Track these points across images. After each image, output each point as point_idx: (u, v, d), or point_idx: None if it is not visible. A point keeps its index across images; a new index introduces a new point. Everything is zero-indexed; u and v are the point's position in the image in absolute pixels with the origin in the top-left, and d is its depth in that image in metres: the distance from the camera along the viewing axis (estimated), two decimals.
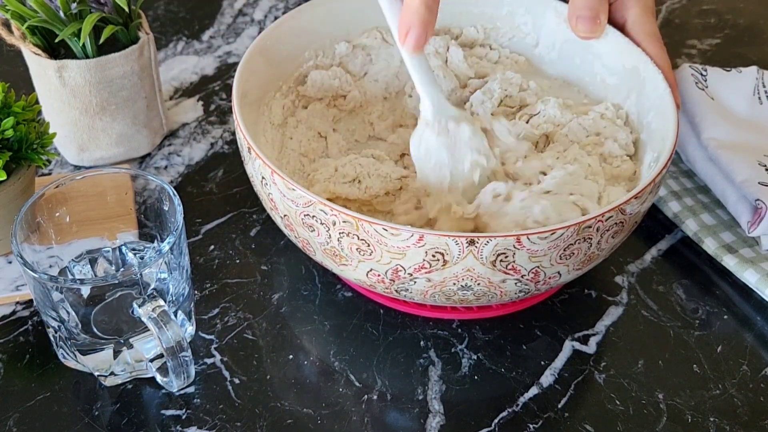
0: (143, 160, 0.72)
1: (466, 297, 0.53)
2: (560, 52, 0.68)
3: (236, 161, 0.72)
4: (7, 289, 0.60)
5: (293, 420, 0.55)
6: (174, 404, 0.55)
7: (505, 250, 0.49)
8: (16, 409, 0.55)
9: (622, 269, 0.64)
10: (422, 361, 0.58)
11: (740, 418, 0.56)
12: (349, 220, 0.49)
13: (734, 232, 0.65)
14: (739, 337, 0.60)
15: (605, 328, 0.61)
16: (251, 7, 0.90)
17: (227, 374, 0.57)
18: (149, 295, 0.53)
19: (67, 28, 0.63)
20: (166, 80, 0.80)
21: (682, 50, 0.86)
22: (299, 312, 0.61)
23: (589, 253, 0.52)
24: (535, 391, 0.57)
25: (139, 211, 0.58)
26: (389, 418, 0.55)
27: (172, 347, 0.50)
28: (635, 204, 0.52)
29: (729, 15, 0.92)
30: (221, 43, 0.85)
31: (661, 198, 0.67)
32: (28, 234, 0.54)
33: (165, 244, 0.52)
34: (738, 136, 0.67)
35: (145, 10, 0.87)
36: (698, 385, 0.57)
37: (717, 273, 0.64)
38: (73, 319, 0.52)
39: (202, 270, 0.63)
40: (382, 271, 0.51)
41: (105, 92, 0.66)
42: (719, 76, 0.72)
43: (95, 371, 0.55)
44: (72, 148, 0.70)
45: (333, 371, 0.57)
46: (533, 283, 0.52)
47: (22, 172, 0.59)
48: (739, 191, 0.64)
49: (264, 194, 0.55)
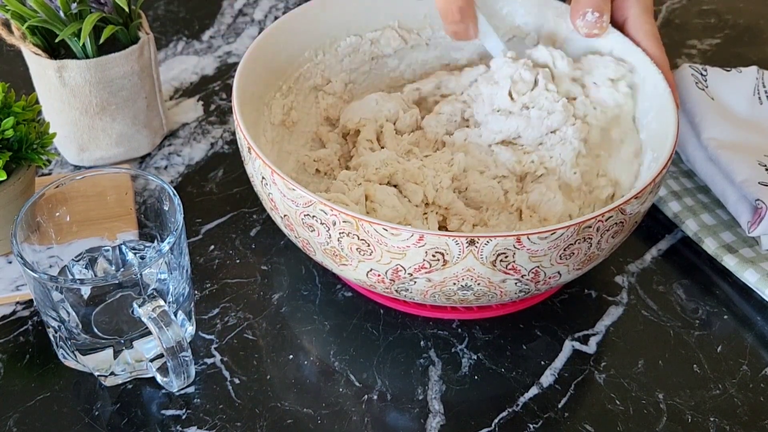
0: (143, 160, 0.72)
1: (466, 297, 0.53)
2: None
3: (236, 161, 0.72)
4: (7, 289, 0.60)
5: (293, 420, 0.55)
6: (174, 404, 0.55)
7: (505, 250, 0.49)
8: (16, 409, 0.55)
9: (622, 269, 0.64)
10: (422, 361, 0.58)
11: (740, 418, 0.56)
12: (349, 220, 0.49)
13: (734, 232, 0.65)
14: (739, 337, 0.60)
15: (605, 328, 0.61)
16: (251, 7, 0.90)
17: (227, 374, 0.57)
18: (149, 295, 0.53)
19: (67, 28, 0.62)
20: (166, 80, 0.80)
21: (682, 50, 0.86)
22: (299, 312, 0.61)
23: (589, 253, 0.52)
24: (535, 391, 0.57)
25: (139, 211, 0.58)
26: (389, 418, 0.55)
27: (172, 347, 0.50)
28: (635, 204, 0.52)
29: (729, 15, 0.92)
30: (221, 43, 0.85)
31: (661, 198, 0.67)
32: (28, 234, 0.54)
33: (165, 244, 0.52)
34: (738, 136, 0.67)
35: (145, 10, 0.87)
36: (698, 385, 0.57)
37: (717, 273, 0.64)
38: (73, 319, 0.52)
39: (202, 270, 0.63)
40: (382, 271, 0.51)
41: (105, 92, 0.66)
42: (719, 76, 0.72)
43: (95, 371, 0.55)
44: (72, 148, 0.70)
45: (333, 371, 0.57)
46: (533, 283, 0.52)
47: (22, 172, 0.59)
48: (739, 191, 0.64)
49: (264, 194, 0.55)
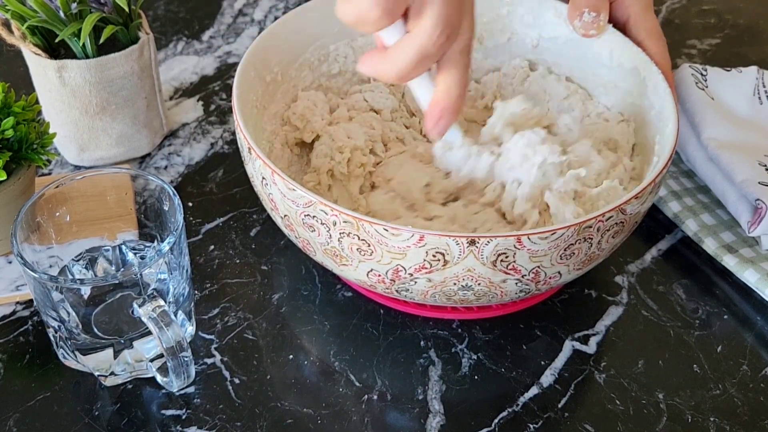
0: (143, 160, 0.72)
1: (466, 297, 0.53)
2: (560, 52, 0.68)
3: (236, 161, 0.72)
4: (7, 289, 0.60)
5: (293, 420, 0.55)
6: (174, 404, 0.55)
7: (505, 250, 0.49)
8: (16, 409, 0.55)
9: (622, 269, 0.64)
10: (422, 361, 0.58)
11: (740, 418, 0.56)
12: (349, 220, 0.49)
13: (734, 232, 0.65)
14: (739, 337, 0.60)
15: (605, 328, 0.61)
16: (251, 7, 0.90)
17: (227, 374, 0.57)
18: (149, 295, 0.53)
19: (67, 28, 0.62)
20: (166, 80, 0.80)
21: (682, 50, 0.86)
22: (299, 312, 0.61)
23: (589, 253, 0.52)
24: (535, 391, 0.57)
25: (139, 211, 0.58)
26: (389, 418, 0.55)
27: (172, 347, 0.50)
28: (635, 204, 0.52)
29: (729, 15, 0.92)
30: (221, 43, 0.85)
31: (661, 198, 0.67)
32: (28, 234, 0.54)
33: (165, 244, 0.52)
34: (738, 136, 0.67)
35: (145, 10, 0.87)
36: (698, 385, 0.57)
37: (717, 273, 0.64)
38: (73, 319, 0.52)
39: (202, 270, 0.63)
40: (382, 271, 0.51)
41: (105, 92, 0.66)
42: (719, 76, 0.72)
43: (95, 371, 0.55)
44: (72, 148, 0.70)
45: (333, 371, 0.57)
46: (534, 283, 0.52)
47: (22, 172, 0.59)
48: (739, 191, 0.64)
49: (264, 194, 0.55)
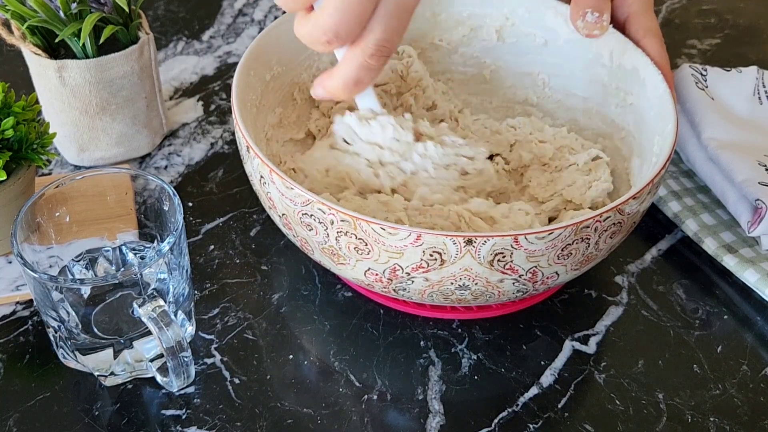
0: (143, 160, 0.72)
1: (464, 297, 0.53)
2: (560, 53, 0.68)
3: (236, 161, 0.72)
4: (7, 289, 0.61)
5: (293, 420, 0.55)
6: (174, 404, 0.55)
7: (502, 249, 0.49)
8: (16, 409, 0.55)
9: (622, 269, 0.64)
10: (422, 361, 0.58)
11: (740, 418, 0.55)
12: (347, 219, 0.49)
13: (734, 232, 0.65)
14: (739, 337, 0.60)
15: (605, 328, 0.61)
16: (251, 7, 0.90)
17: (227, 374, 0.57)
18: (149, 295, 0.53)
19: (67, 28, 0.63)
20: (166, 80, 0.80)
21: (682, 50, 0.86)
22: (299, 312, 0.61)
23: (587, 254, 0.52)
24: (535, 391, 0.57)
25: (139, 211, 0.58)
26: (389, 418, 0.55)
27: (172, 347, 0.50)
28: (633, 204, 0.52)
29: (729, 15, 0.91)
30: (221, 43, 0.85)
31: (661, 198, 0.67)
32: (28, 234, 0.54)
33: (165, 244, 0.52)
34: (738, 136, 0.67)
35: (145, 10, 0.87)
36: (698, 385, 0.57)
37: (717, 273, 0.64)
38: (73, 319, 0.52)
39: (202, 270, 0.63)
40: (380, 270, 0.51)
41: (105, 92, 0.66)
42: (719, 76, 0.72)
43: (95, 371, 0.55)
44: (72, 148, 0.70)
45: (333, 371, 0.57)
46: (531, 283, 0.52)
47: (22, 172, 0.59)
48: (739, 191, 0.64)
49: (263, 193, 0.55)
